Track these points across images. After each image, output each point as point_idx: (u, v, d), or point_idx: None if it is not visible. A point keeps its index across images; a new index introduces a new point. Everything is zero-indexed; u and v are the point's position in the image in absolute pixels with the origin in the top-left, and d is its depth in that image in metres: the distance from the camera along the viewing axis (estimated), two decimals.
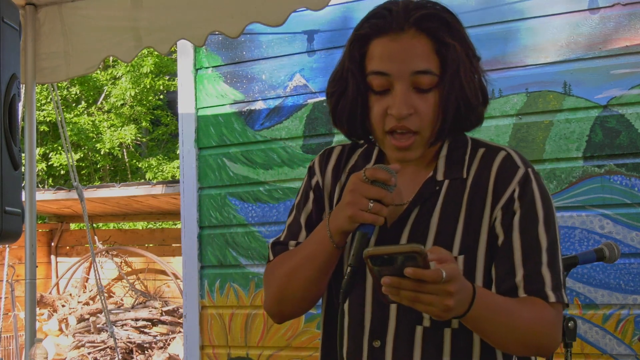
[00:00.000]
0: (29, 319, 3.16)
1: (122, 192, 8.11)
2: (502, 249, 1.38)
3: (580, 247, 3.05)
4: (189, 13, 2.95)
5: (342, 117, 1.44)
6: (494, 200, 1.40)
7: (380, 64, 1.36)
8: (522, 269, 1.36)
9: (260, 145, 3.73)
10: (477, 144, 1.48)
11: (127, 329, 8.47)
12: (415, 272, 1.14)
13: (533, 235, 1.38)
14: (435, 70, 1.36)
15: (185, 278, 3.90)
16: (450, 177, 1.43)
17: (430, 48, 1.36)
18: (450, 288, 1.17)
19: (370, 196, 1.30)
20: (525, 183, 1.40)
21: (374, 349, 1.41)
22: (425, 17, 1.36)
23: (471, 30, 1.51)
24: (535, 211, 1.39)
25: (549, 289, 1.36)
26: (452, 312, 1.21)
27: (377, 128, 1.40)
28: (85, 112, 14.21)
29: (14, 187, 1.93)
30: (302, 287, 1.44)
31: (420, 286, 1.16)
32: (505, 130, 3.21)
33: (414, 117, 1.36)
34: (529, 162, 1.45)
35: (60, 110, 4.13)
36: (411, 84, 1.36)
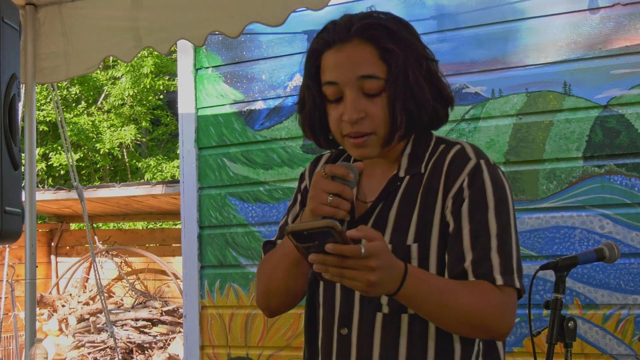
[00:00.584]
0: (29, 319, 3.16)
1: (122, 192, 8.11)
2: (452, 235, 1.45)
3: (580, 247, 3.05)
4: (189, 13, 2.95)
5: (305, 128, 1.56)
6: (445, 190, 1.47)
7: (330, 74, 1.47)
8: (471, 253, 1.43)
9: (260, 145, 3.73)
10: (439, 141, 1.56)
11: (127, 329, 8.47)
12: (334, 247, 1.23)
13: (482, 221, 1.43)
14: (381, 74, 1.45)
15: (185, 278, 3.90)
16: (410, 173, 1.52)
17: (374, 54, 1.45)
18: (371, 263, 1.25)
19: (329, 190, 1.39)
20: (475, 172, 1.46)
21: (342, 337, 1.51)
22: (366, 26, 1.46)
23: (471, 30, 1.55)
24: (485, 198, 1.45)
25: (497, 272, 1.41)
26: (378, 288, 1.29)
27: (336, 133, 1.51)
28: (85, 112, 14.22)
29: (14, 187, 1.93)
30: (282, 280, 1.55)
31: (342, 261, 1.24)
32: (505, 130, 3.21)
33: (366, 120, 1.46)
34: (485, 155, 1.51)
35: (60, 110, 4.13)
36: (359, 90, 1.45)
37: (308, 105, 1.53)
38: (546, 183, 3.14)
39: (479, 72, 3.26)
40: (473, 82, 3.28)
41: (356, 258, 1.24)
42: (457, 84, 3.27)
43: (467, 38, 3.29)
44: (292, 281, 1.55)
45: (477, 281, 1.41)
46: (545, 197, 3.13)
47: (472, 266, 1.42)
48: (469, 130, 3.26)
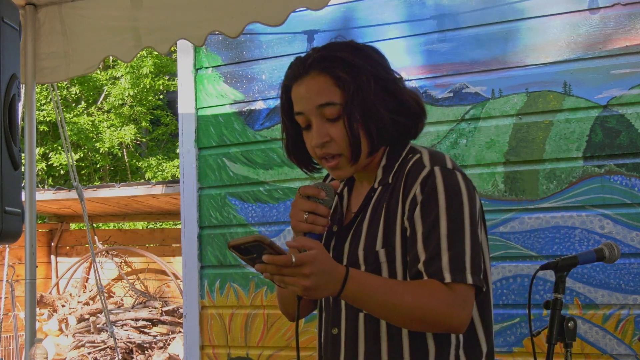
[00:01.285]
0: (29, 319, 3.16)
1: (122, 192, 8.11)
2: (409, 239, 1.55)
3: (580, 247, 3.05)
4: (188, 13, 2.95)
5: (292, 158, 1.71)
6: (403, 198, 1.57)
7: (297, 106, 1.62)
8: (424, 254, 1.52)
9: (260, 145, 3.73)
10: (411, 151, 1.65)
11: (127, 329, 8.47)
12: (267, 258, 1.37)
13: (433, 223, 1.52)
14: (337, 100, 1.58)
15: (185, 278, 3.90)
16: (381, 184, 1.64)
17: (330, 83, 1.59)
18: (304, 271, 1.38)
19: (304, 209, 1.56)
20: (428, 179, 1.55)
21: (334, 336, 1.65)
22: (318, 59, 1.60)
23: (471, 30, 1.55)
24: (436, 201, 1.53)
25: (445, 270, 1.49)
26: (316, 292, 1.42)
27: (314, 157, 1.65)
28: (85, 112, 14.21)
29: (14, 187, 1.93)
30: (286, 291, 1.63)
31: (279, 270, 1.38)
32: (505, 130, 3.21)
33: (332, 143, 1.60)
34: (444, 160, 1.59)
35: (60, 110, 4.13)
36: (321, 116, 1.59)
37: (287, 137, 1.68)
38: (546, 183, 3.14)
39: (479, 72, 3.26)
40: (473, 82, 3.28)
41: (288, 267, 1.37)
42: (457, 84, 3.27)
43: (467, 38, 3.29)
44: None
45: (427, 280, 1.50)
46: (545, 197, 3.13)
47: (424, 266, 1.51)
48: (469, 130, 3.26)
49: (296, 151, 1.69)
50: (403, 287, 1.51)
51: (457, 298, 1.50)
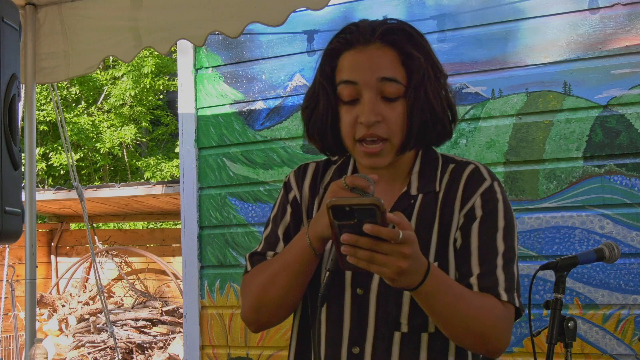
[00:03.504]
0: (29, 319, 3.16)
1: (122, 192, 8.11)
2: (460, 251, 1.46)
3: (580, 247, 3.05)
4: (189, 13, 2.95)
5: (314, 130, 1.51)
6: (460, 208, 1.48)
7: (348, 74, 1.44)
8: (478, 268, 1.44)
9: (260, 145, 3.73)
10: (447, 159, 1.56)
11: (127, 329, 8.47)
12: (373, 228, 1.19)
13: (491, 240, 1.45)
14: (401, 79, 1.43)
15: (185, 278, 3.90)
16: (423, 192, 1.50)
17: (395, 59, 1.44)
18: (405, 250, 1.22)
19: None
20: (489, 193, 1.48)
21: (353, 355, 1.46)
22: (390, 30, 1.45)
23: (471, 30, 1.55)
24: (496, 220, 1.47)
25: (501, 288, 1.42)
26: (405, 278, 1.26)
27: (347, 137, 1.47)
28: (85, 112, 14.22)
29: (14, 187, 1.93)
30: (279, 294, 1.48)
31: (376, 244, 1.21)
32: (505, 130, 3.21)
33: (382, 124, 1.43)
34: (496, 176, 1.53)
35: (60, 110, 4.13)
36: (378, 93, 1.43)
37: (322, 106, 1.48)
38: (546, 183, 3.14)
39: (479, 72, 3.26)
40: (473, 82, 3.28)
41: (393, 242, 1.21)
42: (457, 84, 3.27)
43: (467, 38, 3.29)
44: (290, 294, 1.49)
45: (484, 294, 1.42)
46: (545, 197, 3.13)
47: (479, 280, 1.42)
48: (469, 130, 3.26)
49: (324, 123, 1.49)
50: (469, 294, 1.41)
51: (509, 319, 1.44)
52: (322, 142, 1.52)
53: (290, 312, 1.55)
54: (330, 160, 1.62)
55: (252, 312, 1.53)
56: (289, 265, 1.46)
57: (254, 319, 1.54)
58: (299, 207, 1.58)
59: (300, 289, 1.49)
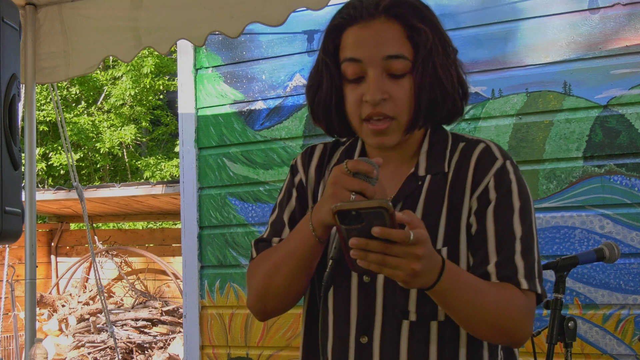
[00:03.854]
0: (29, 319, 3.16)
1: (122, 192, 8.11)
2: (476, 237, 1.39)
3: (580, 247, 3.05)
4: (189, 13, 2.95)
5: (318, 111, 1.45)
6: (471, 190, 1.41)
7: (352, 51, 1.38)
8: (495, 256, 1.37)
9: (260, 145, 3.73)
10: (457, 138, 1.49)
11: (127, 329, 8.47)
12: (382, 231, 1.14)
13: (507, 224, 1.38)
14: (407, 55, 1.37)
15: (185, 278, 3.90)
16: (431, 172, 1.44)
17: (401, 34, 1.37)
18: (417, 251, 1.17)
19: (351, 188, 1.28)
20: (502, 173, 1.41)
21: (361, 345, 1.41)
22: (395, 4, 1.38)
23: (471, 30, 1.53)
24: (511, 201, 1.40)
25: (521, 276, 1.36)
26: (419, 279, 1.21)
27: (353, 117, 1.41)
28: (85, 112, 14.22)
29: (14, 187, 1.93)
30: (285, 282, 1.43)
31: (387, 247, 1.15)
32: (505, 130, 3.21)
33: (389, 102, 1.37)
34: (509, 154, 1.46)
35: (60, 110, 4.13)
36: (384, 70, 1.36)
37: (325, 85, 1.42)
38: (546, 183, 3.14)
39: (479, 72, 3.26)
40: (473, 82, 3.28)
41: (404, 244, 1.15)
42: None
43: (467, 38, 3.29)
44: (295, 282, 1.44)
45: (503, 284, 1.36)
46: (545, 197, 3.13)
47: (497, 268, 1.36)
48: (469, 130, 3.27)
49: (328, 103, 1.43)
50: (488, 286, 1.34)
51: (531, 307, 1.38)
52: (327, 122, 1.46)
53: (296, 300, 1.49)
54: (338, 141, 1.56)
55: (257, 301, 1.48)
56: (293, 253, 1.41)
57: (259, 308, 1.49)
58: (305, 191, 1.54)
59: (305, 276, 1.44)
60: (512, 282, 1.36)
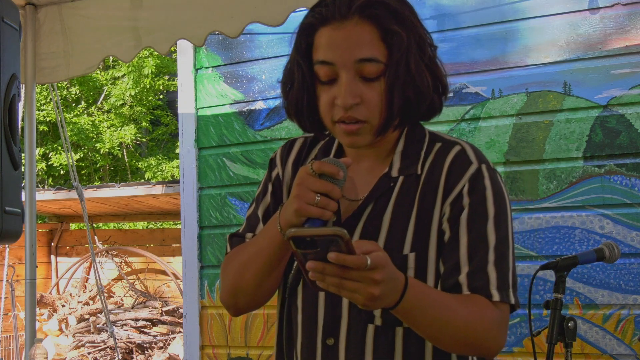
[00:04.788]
0: (29, 319, 3.16)
1: (122, 192, 8.11)
2: (448, 245, 1.36)
3: (580, 247, 3.05)
4: (188, 13, 2.95)
5: (291, 109, 1.42)
6: (444, 196, 1.38)
7: (325, 54, 1.34)
8: (467, 266, 1.34)
9: (260, 145, 3.73)
10: (434, 138, 1.45)
11: (127, 329, 8.47)
12: (338, 257, 1.11)
13: (481, 232, 1.35)
14: (381, 57, 1.32)
15: (185, 278, 3.90)
16: (404, 174, 1.41)
17: (375, 35, 1.32)
18: (375, 276, 1.14)
19: (316, 189, 1.26)
20: (477, 179, 1.37)
21: (328, 347, 1.40)
22: (369, 4, 1.32)
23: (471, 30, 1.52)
24: (485, 207, 1.36)
25: (493, 287, 1.33)
26: (379, 302, 1.19)
27: (325, 118, 1.38)
28: (85, 112, 14.22)
29: (14, 187, 1.93)
30: (254, 279, 1.42)
31: (344, 272, 1.13)
32: (505, 130, 3.21)
33: (361, 106, 1.33)
34: (485, 158, 1.42)
35: (60, 110, 4.13)
36: (356, 73, 1.33)
37: (297, 85, 1.39)
38: (546, 183, 3.14)
39: (479, 72, 3.26)
40: (473, 82, 3.28)
41: (360, 270, 1.13)
42: (457, 84, 3.27)
43: (467, 38, 3.29)
44: (265, 280, 1.42)
45: (473, 296, 1.32)
46: (545, 197, 3.13)
47: (468, 279, 1.33)
48: (469, 130, 3.26)
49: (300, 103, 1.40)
50: (456, 302, 1.31)
51: (503, 319, 1.35)
52: (299, 121, 1.43)
53: (268, 297, 1.48)
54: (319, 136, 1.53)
55: (229, 296, 1.48)
56: (262, 251, 1.40)
57: (231, 303, 1.48)
58: (281, 185, 1.51)
59: (274, 274, 1.43)
60: (484, 293, 1.33)
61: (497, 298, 1.33)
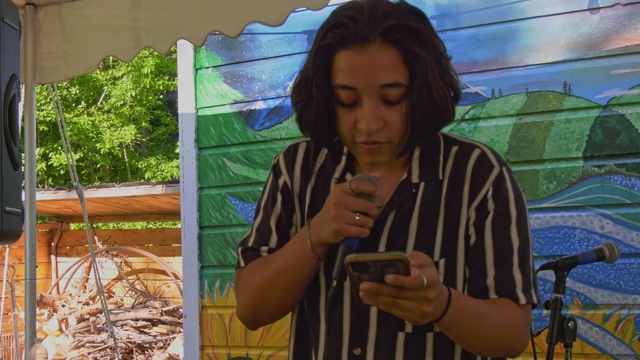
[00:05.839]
0: (29, 319, 3.16)
1: (122, 192, 8.11)
2: (474, 249, 1.38)
3: (580, 247, 3.05)
4: (188, 13, 2.95)
5: (307, 126, 1.41)
6: (469, 200, 1.39)
7: (347, 78, 1.31)
8: (493, 269, 1.37)
9: (260, 145, 3.73)
10: (449, 141, 1.46)
11: (127, 329, 8.47)
12: (396, 278, 1.13)
13: (505, 236, 1.38)
14: (403, 81, 1.31)
15: (185, 278, 3.90)
16: (425, 179, 1.41)
17: (397, 59, 1.31)
18: (429, 294, 1.16)
19: (355, 209, 1.28)
20: (499, 182, 1.39)
21: (355, 357, 1.39)
22: (392, 28, 1.30)
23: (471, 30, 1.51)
24: (508, 211, 1.39)
25: (519, 290, 1.37)
26: (430, 318, 1.21)
27: (345, 138, 1.37)
28: (85, 112, 14.22)
29: (14, 187, 1.92)
30: (281, 297, 1.42)
31: (399, 292, 1.15)
32: (505, 130, 3.21)
33: (383, 130, 1.33)
34: (503, 159, 1.44)
35: (60, 110, 4.13)
36: (379, 97, 1.32)
37: (316, 104, 1.36)
38: (546, 183, 3.14)
39: (479, 72, 3.26)
40: (473, 82, 3.28)
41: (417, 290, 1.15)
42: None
43: (467, 38, 3.29)
44: (291, 297, 1.43)
45: (502, 300, 1.36)
46: (545, 197, 3.13)
47: (495, 283, 1.36)
48: (469, 130, 3.26)
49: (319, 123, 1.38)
50: (490, 309, 1.34)
51: (528, 320, 1.41)
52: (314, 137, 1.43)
53: (289, 311, 1.49)
54: None
55: (249, 312, 1.47)
56: (289, 268, 1.39)
57: (251, 319, 1.48)
58: (291, 194, 1.50)
59: (300, 290, 1.43)
60: (511, 297, 1.37)
61: (524, 301, 1.37)
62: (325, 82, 1.35)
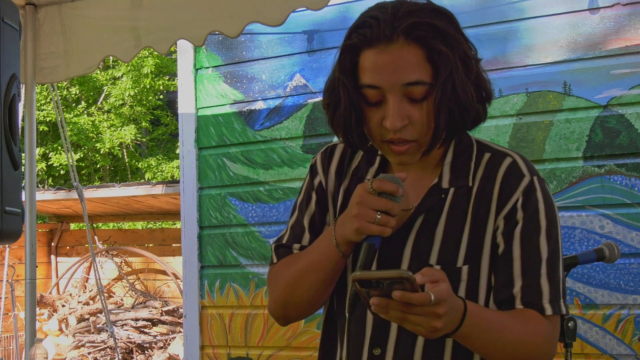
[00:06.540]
0: (29, 319, 3.16)
1: (122, 192, 8.11)
2: (502, 258, 1.38)
3: (580, 247, 3.05)
4: (188, 13, 2.95)
5: (339, 128, 1.42)
6: (498, 209, 1.39)
7: (371, 77, 1.33)
8: (520, 279, 1.37)
9: (260, 145, 3.73)
10: (482, 148, 1.47)
11: (127, 329, 8.47)
12: (402, 295, 1.14)
13: (534, 246, 1.38)
14: (427, 79, 1.32)
15: (185, 278, 3.90)
16: (455, 185, 1.42)
17: (421, 57, 1.32)
18: (438, 310, 1.17)
19: (377, 208, 1.30)
20: (530, 191, 1.39)
21: (374, 357, 1.41)
22: (415, 26, 1.31)
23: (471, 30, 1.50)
24: (538, 221, 1.39)
25: (546, 301, 1.36)
26: (441, 332, 1.22)
27: (374, 137, 1.39)
28: (85, 112, 14.22)
29: (14, 187, 1.93)
30: (307, 293, 1.45)
31: (408, 308, 1.16)
32: (505, 130, 3.21)
33: (409, 127, 1.34)
34: (535, 168, 1.44)
35: (60, 110, 4.13)
36: (404, 95, 1.33)
37: (344, 105, 1.37)
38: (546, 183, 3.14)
39: None
40: None
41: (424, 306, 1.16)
42: None
43: None
44: (318, 294, 1.45)
45: (526, 311, 1.36)
46: None
47: (522, 293, 1.36)
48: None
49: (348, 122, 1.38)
50: (511, 321, 1.34)
51: (555, 331, 1.39)
52: (346, 138, 1.43)
53: (318, 308, 1.50)
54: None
55: (279, 308, 1.50)
56: (315, 266, 1.42)
57: (281, 314, 1.51)
58: (325, 194, 1.52)
59: (328, 288, 1.46)
60: (536, 307, 1.36)
61: (550, 312, 1.36)
62: (353, 83, 1.36)
